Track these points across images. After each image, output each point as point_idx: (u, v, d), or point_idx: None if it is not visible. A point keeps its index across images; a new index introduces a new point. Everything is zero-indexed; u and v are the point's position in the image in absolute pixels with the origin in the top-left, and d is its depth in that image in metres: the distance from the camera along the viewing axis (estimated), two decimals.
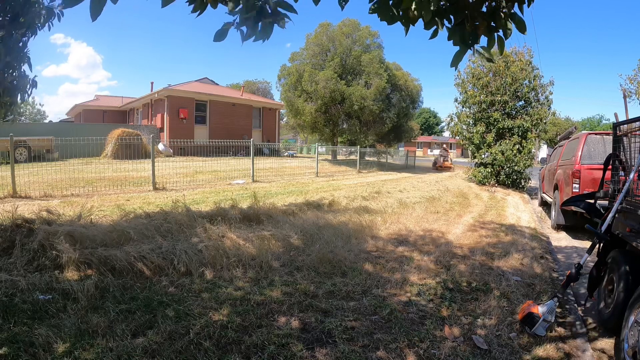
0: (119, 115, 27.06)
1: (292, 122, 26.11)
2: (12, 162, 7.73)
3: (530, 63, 14.01)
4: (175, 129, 19.28)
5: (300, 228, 5.00)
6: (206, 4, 2.08)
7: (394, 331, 2.64)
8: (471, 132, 14.43)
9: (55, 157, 13.51)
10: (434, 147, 65.01)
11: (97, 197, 7.57)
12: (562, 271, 4.35)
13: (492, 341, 2.57)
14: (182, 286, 3.28)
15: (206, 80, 26.94)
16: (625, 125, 3.28)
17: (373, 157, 23.01)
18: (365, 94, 19.54)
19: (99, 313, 2.65)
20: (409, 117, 24.94)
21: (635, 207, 2.86)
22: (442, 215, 7.22)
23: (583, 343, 2.68)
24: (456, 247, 4.94)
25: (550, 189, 7.98)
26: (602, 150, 6.05)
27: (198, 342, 2.36)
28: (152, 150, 9.69)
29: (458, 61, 2.29)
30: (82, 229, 3.98)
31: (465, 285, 3.59)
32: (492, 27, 2.22)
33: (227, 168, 12.86)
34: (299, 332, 2.57)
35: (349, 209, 6.75)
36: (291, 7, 2.16)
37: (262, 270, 3.73)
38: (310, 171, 15.29)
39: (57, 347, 2.22)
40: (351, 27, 20.78)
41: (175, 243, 3.99)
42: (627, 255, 2.88)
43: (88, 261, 3.46)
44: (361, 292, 3.30)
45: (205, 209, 5.83)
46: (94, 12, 1.65)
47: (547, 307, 2.72)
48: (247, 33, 2.15)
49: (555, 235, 6.68)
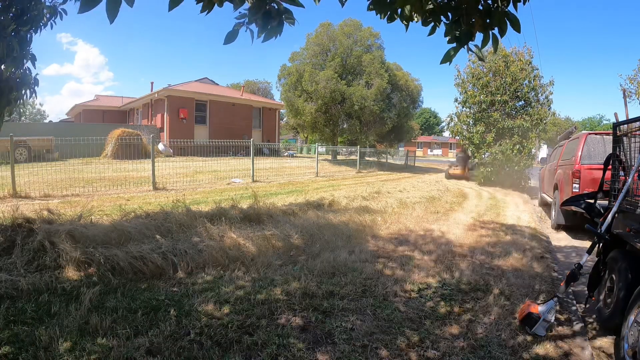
0: (119, 115, 27.06)
1: (292, 122, 26.16)
2: (12, 162, 7.74)
3: (530, 63, 14.01)
4: (175, 129, 19.29)
5: (300, 228, 5.00)
6: (213, 3, 2.08)
7: (394, 331, 2.65)
8: (471, 132, 14.43)
9: (55, 157, 13.52)
10: (434, 147, 65.05)
11: (97, 197, 7.57)
12: (562, 271, 4.35)
13: (491, 340, 2.58)
14: (182, 285, 3.28)
15: (206, 80, 26.95)
16: (625, 125, 3.28)
17: (373, 157, 23.02)
18: (366, 94, 19.55)
19: (99, 313, 2.65)
20: (409, 117, 24.98)
21: (635, 207, 2.86)
22: (442, 215, 7.23)
23: (583, 342, 2.69)
24: (456, 246, 4.94)
25: (550, 189, 7.98)
26: (602, 150, 6.05)
27: (199, 341, 2.36)
28: (152, 150, 9.69)
29: (450, 58, 2.30)
30: (83, 229, 3.98)
31: (466, 284, 3.59)
32: (488, 25, 2.23)
33: (227, 168, 12.87)
34: (299, 331, 2.58)
35: (349, 209, 6.75)
36: (297, 1, 2.17)
37: (262, 269, 3.73)
38: (310, 171, 15.30)
39: (58, 346, 2.22)
40: (352, 27, 20.79)
41: (176, 243, 3.99)
42: (627, 255, 2.89)
43: (89, 261, 3.47)
44: (361, 291, 3.30)
45: (206, 208, 5.83)
46: (110, 15, 1.65)
47: (547, 307, 2.72)
48: (257, 32, 2.16)
49: (555, 235, 6.68)
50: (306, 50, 21.23)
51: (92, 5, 1.65)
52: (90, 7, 1.65)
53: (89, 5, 1.64)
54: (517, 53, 14.11)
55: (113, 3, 1.64)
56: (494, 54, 12.70)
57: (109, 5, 1.65)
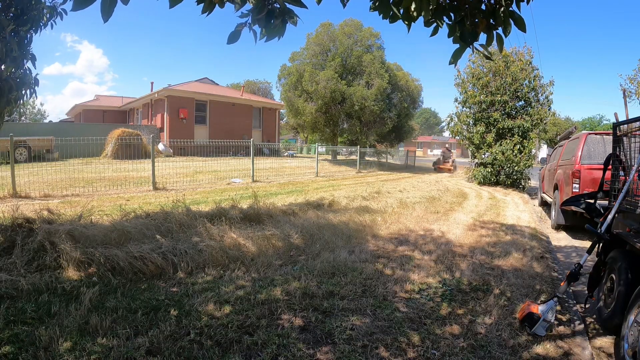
0: (119, 115, 27.06)
1: (292, 122, 26.14)
2: (12, 162, 7.74)
3: (530, 63, 14.01)
4: (175, 129, 19.29)
5: (300, 228, 5.01)
6: (214, 4, 2.08)
7: (394, 331, 2.65)
8: (471, 132, 14.43)
9: (55, 157, 13.52)
10: (434, 147, 65.05)
11: (97, 197, 7.58)
12: (562, 271, 4.36)
13: (492, 340, 2.58)
14: (182, 285, 3.28)
15: (206, 80, 26.95)
16: (625, 125, 3.28)
17: (373, 157, 23.03)
18: (366, 94, 19.55)
19: (99, 313, 2.65)
20: (409, 117, 24.97)
21: (635, 207, 2.86)
22: (442, 215, 7.22)
23: (583, 342, 2.69)
24: (456, 246, 4.94)
25: (550, 189, 7.98)
26: (602, 150, 6.05)
27: (199, 341, 2.36)
28: (152, 150, 9.69)
29: (457, 58, 2.29)
30: (83, 229, 3.98)
31: (466, 284, 3.59)
32: (492, 25, 2.23)
33: (227, 168, 12.87)
34: (299, 331, 2.58)
35: (349, 209, 6.75)
36: (300, 2, 2.17)
37: (262, 269, 3.73)
38: (310, 171, 15.30)
39: (58, 346, 2.22)
40: (353, 27, 20.79)
41: (176, 243, 3.99)
42: (627, 255, 2.89)
43: (89, 261, 3.47)
44: (361, 291, 3.30)
45: (206, 209, 5.84)
46: (105, 14, 1.65)
47: (547, 307, 2.72)
48: (260, 33, 2.16)
49: (555, 235, 6.68)
50: (306, 50, 21.22)
51: (85, 4, 1.65)
52: (83, 6, 1.65)
53: (82, 4, 1.64)
54: (517, 53, 14.11)
55: (107, 3, 1.64)
56: (500, 54, 12.67)
57: (103, 5, 1.64)
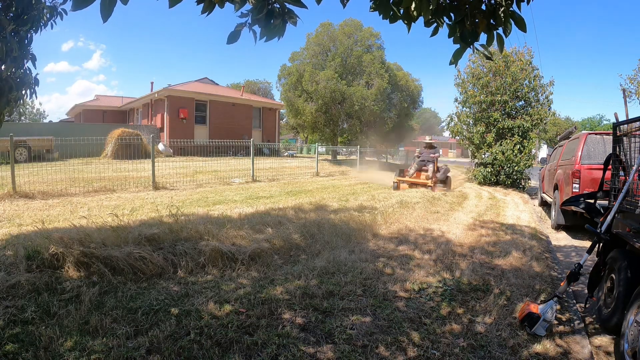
0: (119, 115, 27.05)
1: (292, 122, 26.15)
2: (12, 162, 7.74)
3: (530, 63, 14.01)
4: (175, 129, 19.28)
5: (300, 227, 5.00)
6: (214, 4, 2.08)
7: (394, 331, 2.65)
8: (471, 132, 14.43)
9: (55, 157, 13.50)
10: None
11: (97, 197, 7.57)
12: (562, 271, 4.36)
13: (491, 340, 2.58)
14: (183, 285, 3.28)
15: (206, 80, 26.94)
16: (625, 125, 3.28)
17: (373, 157, 23.03)
18: (366, 94, 19.56)
19: (99, 312, 2.65)
20: (409, 117, 24.99)
21: (635, 207, 2.86)
22: (442, 214, 7.22)
23: (582, 340, 2.69)
24: (456, 246, 4.94)
25: (550, 189, 7.98)
26: (602, 150, 6.06)
27: (199, 341, 2.36)
28: (152, 150, 9.69)
29: (458, 58, 2.29)
30: (82, 229, 3.98)
31: (466, 284, 3.59)
32: (492, 25, 2.22)
33: (227, 168, 12.86)
34: (299, 331, 2.58)
35: (349, 209, 6.75)
36: (300, 2, 2.17)
37: (262, 269, 3.73)
38: (310, 171, 15.30)
39: (58, 346, 2.22)
40: (353, 27, 20.80)
41: (176, 243, 3.99)
42: (627, 255, 2.89)
43: (88, 261, 3.46)
44: (361, 291, 3.30)
45: (205, 208, 5.83)
46: (104, 14, 1.65)
47: (547, 307, 2.72)
48: (260, 33, 2.16)
49: (555, 235, 6.68)
50: (306, 50, 21.23)
51: (85, 4, 1.65)
52: (83, 6, 1.65)
53: (82, 4, 1.64)
54: (517, 53, 14.11)
55: (107, 2, 1.64)
56: (500, 54, 12.66)
57: (103, 5, 1.65)
